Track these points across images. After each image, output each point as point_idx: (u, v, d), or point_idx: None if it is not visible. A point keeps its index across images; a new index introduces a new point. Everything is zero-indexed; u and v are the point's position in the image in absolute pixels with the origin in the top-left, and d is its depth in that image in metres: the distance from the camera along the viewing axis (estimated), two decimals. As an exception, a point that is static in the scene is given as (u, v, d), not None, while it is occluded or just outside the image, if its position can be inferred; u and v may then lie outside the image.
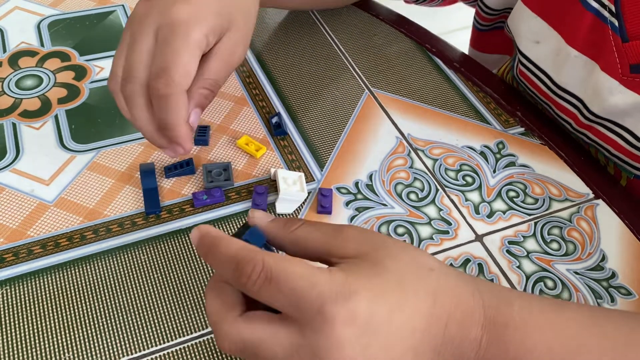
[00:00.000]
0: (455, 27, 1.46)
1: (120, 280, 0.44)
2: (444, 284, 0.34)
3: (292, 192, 0.48)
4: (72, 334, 0.41)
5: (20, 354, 0.40)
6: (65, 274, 0.44)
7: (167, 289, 0.43)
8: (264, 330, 0.32)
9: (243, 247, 0.33)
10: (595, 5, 0.49)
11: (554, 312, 0.35)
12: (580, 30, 0.51)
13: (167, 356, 0.40)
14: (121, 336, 0.41)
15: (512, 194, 0.51)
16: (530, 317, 0.34)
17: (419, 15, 0.73)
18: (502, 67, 0.69)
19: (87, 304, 0.42)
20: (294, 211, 0.48)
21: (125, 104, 0.43)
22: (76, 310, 0.42)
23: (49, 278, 0.43)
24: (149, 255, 0.45)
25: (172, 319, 0.42)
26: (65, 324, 0.41)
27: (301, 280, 0.31)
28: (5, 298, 0.42)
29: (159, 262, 0.45)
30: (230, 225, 0.47)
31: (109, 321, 0.41)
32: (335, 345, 0.31)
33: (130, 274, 0.44)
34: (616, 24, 0.48)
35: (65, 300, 0.42)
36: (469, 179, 0.52)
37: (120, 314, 0.42)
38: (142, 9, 0.43)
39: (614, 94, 0.49)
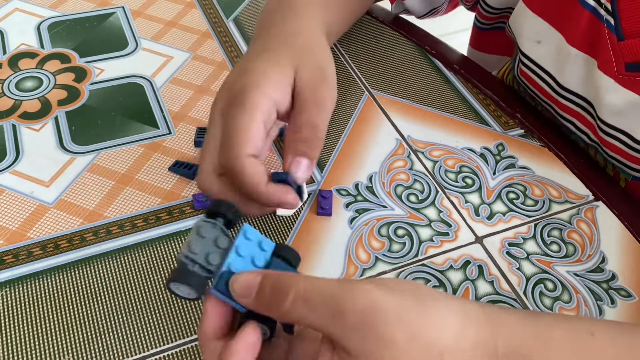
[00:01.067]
0: (454, 29, 1.46)
1: (120, 282, 0.44)
2: (454, 346, 0.31)
3: (292, 193, 0.48)
4: (72, 336, 0.41)
5: (20, 356, 0.39)
6: (65, 276, 0.44)
7: (168, 291, 0.43)
8: None
9: None
10: (592, 3, 0.49)
11: (574, 353, 0.33)
12: (578, 29, 0.51)
13: (167, 358, 0.40)
14: (121, 338, 0.41)
15: (512, 195, 0.51)
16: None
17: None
18: (502, 69, 0.69)
19: (87, 306, 0.42)
20: (294, 213, 0.48)
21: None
22: (76, 312, 0.42)
23: (49, 280, 0.43)
24: (149, 257, 0.45)
25: (173, 321, 0.42)
26: (65, 326, 0.41)
27: None
28: (4, 300, 0.42)
29: (160, 264, 0.45)
30: (230, 227, 0.47)
31: (109, 323, 0.41)
32: None
33: (131, 276, 0.44)
34: (612, 22, 0.48)
35: (65, 302, 0.42)
36: (468, 181, 0.52)
37: (120, 316, 0.42)
38: (215, 97, 0.42)
39: (609, 92, 0.49)
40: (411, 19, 0.69)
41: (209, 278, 0.33)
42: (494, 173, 0.53)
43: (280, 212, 0.48)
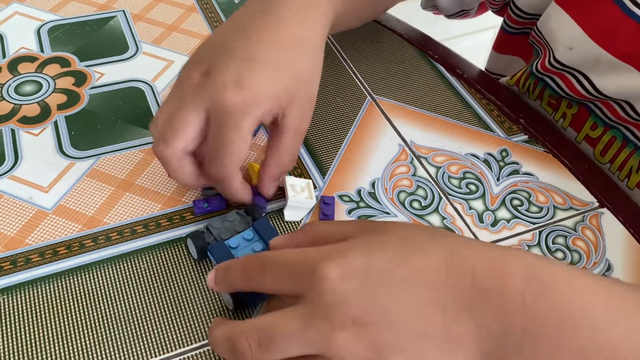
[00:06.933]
0: (456, 34, 1.46)
1: (119, 289, 0.43)
2: (463, 243, 0.32)
3: (300, 199, 0.47)
4: (70, 343, 0.40)
5: (18, 365, 0.39)
6: (64, 282, 0.43)
7: (168, 298, 0.43)
8: (274, 315, 0.32)
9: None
10: (636, 10, 0.48)
11: (594, 276, 0.31)
12: (619, 37, 0.50)
13: (167, 367, 0.39)
14: (120, 346, 0.40)
15: (516, 202, 0.50)
16: (574, 278, 0.30)
17: (420, 21, 0.73)
18: (517, 73, 0.67)
19: (86, 313, 0.42)
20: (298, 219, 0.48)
21: (163, 165, 0.44)
22: (75, 320, 0.41)
23: (47, 287, 0.43)
24: (149, 263, 0.45)
25: (173, 329, 0.41)
26: (64, 334, 0.40)
27: (293, 253, 0.34)
28: (2, 308, 0.42)
29: (160, 270, 0.44)
30: (231, 233, 0.47)
31: (108, 331, 0.41)
32: (340, 302, 0.30)
33: (130, 282, 0.43)
34: None
35: (64, 309, 0.42)
36: (472, 187, 0.51)
37: (119, 324, 0.41)
38: (196, 79, 0.43)
39: None
40: (412, 24, 0.69)
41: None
42: (498, 179, 0.52)
43: (288, 217, 0.47)
